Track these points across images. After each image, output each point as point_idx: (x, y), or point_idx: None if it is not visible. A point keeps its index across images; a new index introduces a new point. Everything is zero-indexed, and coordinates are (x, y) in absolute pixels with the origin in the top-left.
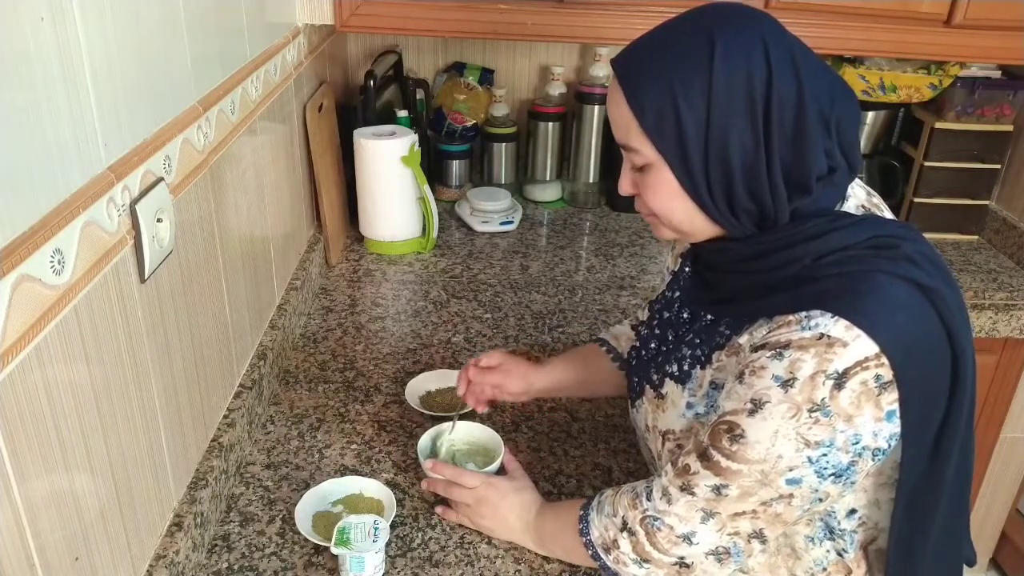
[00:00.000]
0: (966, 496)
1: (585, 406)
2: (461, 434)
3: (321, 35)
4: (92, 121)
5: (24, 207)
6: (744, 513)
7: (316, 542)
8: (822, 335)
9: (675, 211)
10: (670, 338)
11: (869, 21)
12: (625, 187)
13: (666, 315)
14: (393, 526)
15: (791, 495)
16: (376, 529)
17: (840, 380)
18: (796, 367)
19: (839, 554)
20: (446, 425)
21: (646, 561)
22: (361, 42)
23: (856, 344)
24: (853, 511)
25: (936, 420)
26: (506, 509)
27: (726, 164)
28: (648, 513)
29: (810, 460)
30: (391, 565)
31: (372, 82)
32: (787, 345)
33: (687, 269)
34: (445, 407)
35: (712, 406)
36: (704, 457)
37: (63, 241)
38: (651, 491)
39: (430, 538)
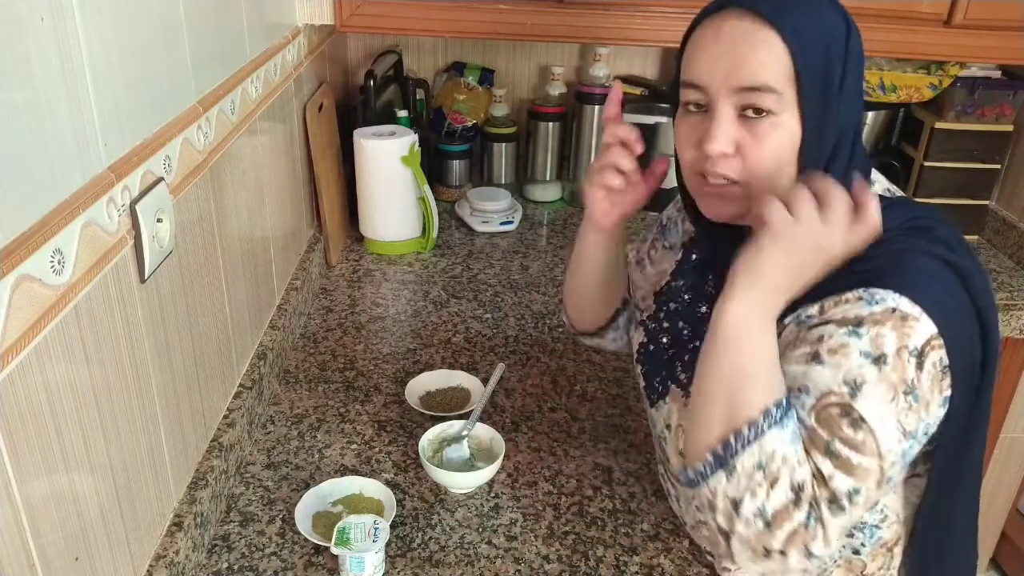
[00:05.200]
0: (978, 491)
1: (585, 406)
2: (460, 432)
3: (321, 35)
4: (92, 121)
5: (24, 207)
6: (853, 522)
7: (316, 542)
8: (894, 309)
9: (777, 171)
10: (684, 333)
11: (869, 21)
12: (724, 143)
13: (672, 306)
14: (393, 526)
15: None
16: (376, 529)
17: (920, 359)
18: (880, 342)
19: (854, 551)
20: (447, 425)
21: (769, 526)
22: (361, 42)
23: (923, 320)
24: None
25: (969, 403)
26: (801, 266)
27: (842, 131)
28: (816, 515)
29: (903, 454)
30: (391, 565)
31: (372, 82)
32: (860, 322)
33: (693, 258)
34: (445, 407)
35: None
36: (831, 454)
37: (63, 241)
38: (814, 490)
39: (430, 538)
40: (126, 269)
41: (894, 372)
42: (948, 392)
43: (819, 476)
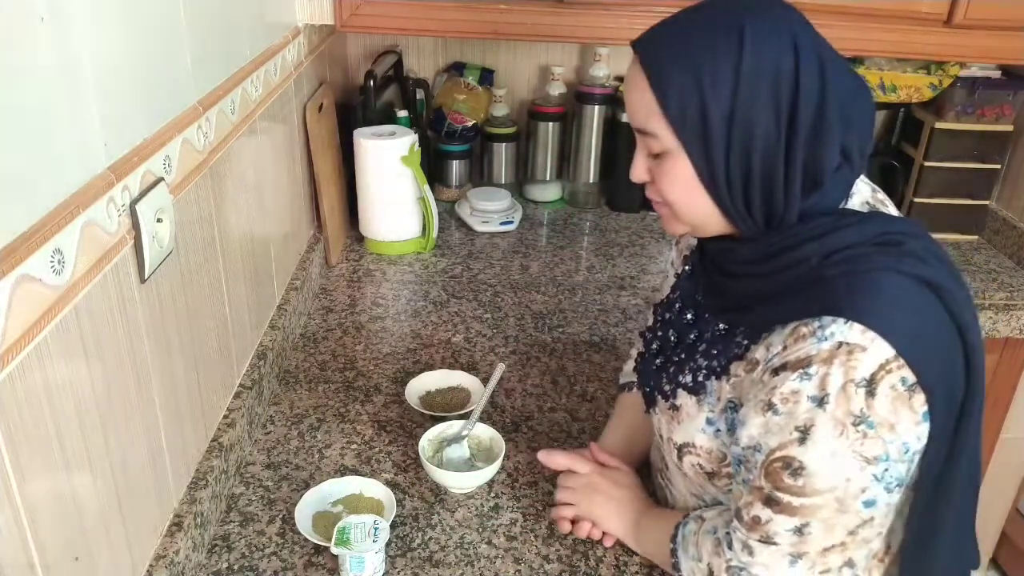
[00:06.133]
0: (975, 496)
1: (585, 406)
2: (460, 432)
3: (321, 35)
4: (92, 121)
5: (24, 207)
6: (833, 547)
7: (316, 542)
8: (840, 343)
9: (689, 202)
10: (672, 340)
11: (869, 21)
12: (639, 173)
13: (667, 315)
14: (393, 526)
15: (872, 518)
16: (376, 529)
17: (870, 387)
18: (826, 382)
19: (848, 564)
20: (447, 425)
21: None
22: (361, 42)
23: (874, 347)
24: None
25: (954, 416)
26: (618, 502)
27: (747, 156)
28: (732, 563)
29: (876, 478)
30: (391, 565)
31: (372, 82)
32: (809, 362)
33: (687, 268)
34: (445, 407)
35: (732, 428)
36: (770, 503)
37: (63, 241)
38: (731, 541)
39: (430, 538)
40: (126, 269)
41: (838, 408)
42: (925, 407)
43: (754, 520)
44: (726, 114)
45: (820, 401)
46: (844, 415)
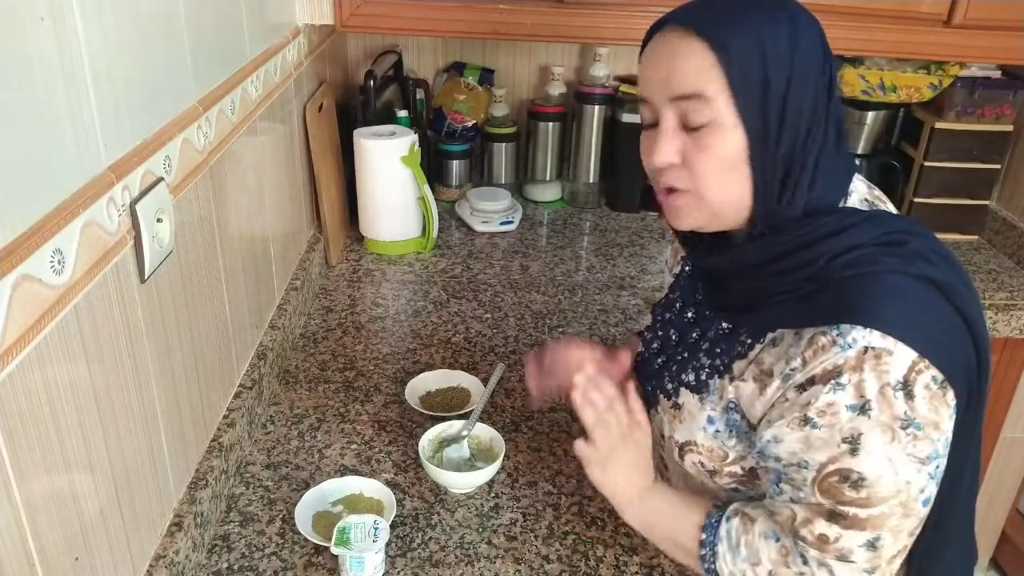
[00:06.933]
0: (978, 489)
1: None
2: (460, 432)
3: (321, 35)
4: (92, 121)
5: (24, 207)
6: (899, 553)
7: (316, 542)
8: (866, 348)
9: (723, 181)
10: (673, 339)
11: (869, 21)
12: (668, 154)
13: (667, 315)
14: (393, 526)
15: (927, 516)
16: (376, 529)
17: (906, 389)
18: (862, 388)
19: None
20: (447, 425)
21: None
22: (361, 42)
23: (899, 350)
24: None
25: (972, 410)
26: (634, 462)
27: (795, 137)
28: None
29: (931, 476)
30: (391, 565)
31: (372, 82)
32: (839, 372)
33: (687, 268)
34: (445, 407)
35: (732, 429)
36: (835, 517)
37: (63, 241)
38: (806, 558)
39: (430, 538)
40: (126, 269)
41: (883, 413)
42: (954, 401)
43: (822, 539)
44: (782, 90)
45: (861, 409)
46: (891, 419)
